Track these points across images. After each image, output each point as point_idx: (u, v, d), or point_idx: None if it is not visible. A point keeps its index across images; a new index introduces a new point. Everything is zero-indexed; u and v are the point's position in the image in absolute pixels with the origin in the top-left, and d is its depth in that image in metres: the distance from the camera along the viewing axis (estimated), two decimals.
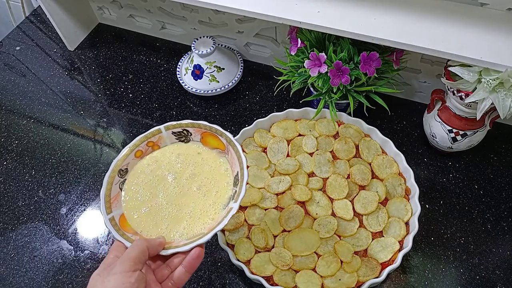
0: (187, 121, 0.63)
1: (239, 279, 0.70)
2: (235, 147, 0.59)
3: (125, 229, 0.56)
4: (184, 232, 0.56)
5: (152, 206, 0.59)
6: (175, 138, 0.64)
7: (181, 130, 0.64)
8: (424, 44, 0.63)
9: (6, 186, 0.85)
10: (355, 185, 0.73)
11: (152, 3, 0.98)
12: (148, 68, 1.01)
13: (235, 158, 0.60)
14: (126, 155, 0.61)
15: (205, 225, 0.57)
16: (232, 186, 0.60)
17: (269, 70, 0.97)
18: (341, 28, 0.66)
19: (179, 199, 0.59)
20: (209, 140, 0.64)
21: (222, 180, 0.60)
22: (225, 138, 0.61)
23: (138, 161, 0.63)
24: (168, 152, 0.64)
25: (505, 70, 0.58)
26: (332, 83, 0.69)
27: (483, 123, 0.72)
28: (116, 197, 0.59)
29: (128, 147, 0.61)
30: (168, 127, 0.63)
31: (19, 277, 0.73)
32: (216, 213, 0.58)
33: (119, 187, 0.60)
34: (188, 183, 0.61)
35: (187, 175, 0.61)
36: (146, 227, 0.57)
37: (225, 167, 0.62)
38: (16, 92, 1.00)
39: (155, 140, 0.63)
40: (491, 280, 0.67)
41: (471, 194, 0.76)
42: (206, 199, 0.59)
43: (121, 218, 0.57)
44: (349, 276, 0.65)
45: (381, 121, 0.85)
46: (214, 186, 0.60)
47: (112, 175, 0.59)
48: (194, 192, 0.60)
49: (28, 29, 1.14)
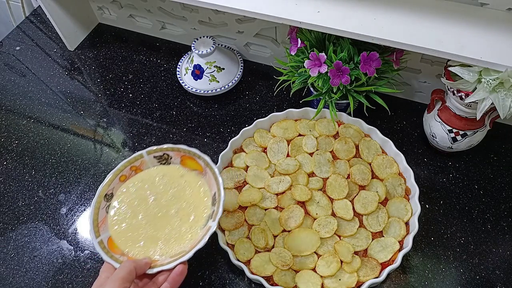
0: (167, 145, 0.68)
1: (239, 279, 0.70)
2: (212, 169, 0.64)
3: (113, 251, 0.60)
4: (164, 252, 0.61)
5: (132, 223, 0.63)
6: (156, 161, 0.69)
7: (162, 154, 0.68)
8: (424, 44, 0.63)
9: (6, 186, 0.85)
10: (355, 185, 0.73)
11: (152, 3, 0.98)
12: (148, 68, 1.01)
13: (212, 179, 0.64)
14: (111, 180, 0.66)
15: (184, 244, 0.61)
16: (210, 205, 0.64)
17: (269, 70, 0.97)
18: (341, 28, 0.66)
19: (157, 220, 0.63)
20: (188, 162, 0.68)
21: (200, 204, 0.64)
22: (202, 161, 0.66)
23: (123, 184, 0.67)
24: (153, 173, 0.68)
25: (505, 70, 0.58)
26: (332, 83, 0.69)
27: (483, 123, 0.72)
28: (103, 220, 0.63)
29: (112, 172, 0.66)
30: (149, 152, 0.68)
31: (19, 277, 0.73)
32: (195, 233, 0.62)
33: (105, 210, 0.64)
34: (168, 205, 0.65)
35: (169, 197, 0.65)
36: (130, 247, 0.61)
37: (204, 188, 0.66)
38: (16, 92, 1.00)
39: (138, 164, 0.68)
40: (491, 280, 0.67)
41: (471, 194, 0.76)
42: (182, 223, 0.63)
43: (109, 240, 0.61)
44: (349, 276, 0.65)
45: (381, 121, 0.85)
46: (192, 211, 0.64)
47: (98, 200, 0.64)
48: (172, 215, 0.64)
49: (28, 29, 1.14)
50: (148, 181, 0.67)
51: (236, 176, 0.76)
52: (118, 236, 0.62)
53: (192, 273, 0.71)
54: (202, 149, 0.85)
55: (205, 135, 0.88)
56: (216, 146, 0.86)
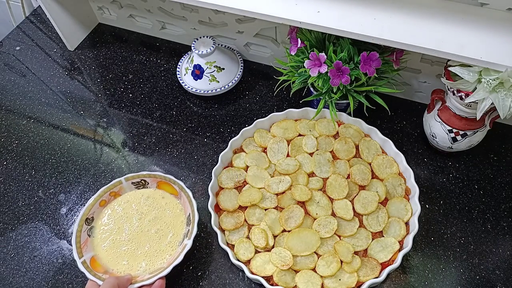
0: (145, 172, 0.74)
1: (239, 279, 0.70)
2: (186, 193, 0.71)
3: (96, 269, 0.66)
4: (146, 268, 0.67)
5: (116, 239, 0.70)
6: (134, 187, 0.75)
7: (139, 180, 0.75)
8: (424, 44, 0.63)
9: (6, 186, 0.85)
10: (355, 185, 0.73)
11: (152, 3, 0.98)
12: (148, 68, 1.01)
13: (186, 202, 0.71)
14: (92, 205, 0.72)
15: (164, 260, 0.68)
16: (185, 225, 0.71)
17: (269, 70, 0.97)
18: (341, 28, 0.66)
19: (139, 238, 0.71)
20: (164, 187, 0.75)
21: (178, 224, 0.71)
22: (177, 186, 0.73)
23: (103, 209, 0.73)
24: (139, 194, 0.75)
25: (505, 70, 0.58)
26: (332, 83, 0.69)
27: (483, 123, 0.72)
28: (85, 242, 0.69)
29: (93, 198, 0.72)
30: (128, 178, 0.74)
31: (19, 277, 0.73)
32: (173, 249, 0.69)
33: (87, 233, 0.70)
34: (150, 225, 0.72)
35: (151, 217, 0.72)
36: (112, 262, 0.68)
37: (180, 207, 0.73)
38: (16, 92, 1.00)
39: (117, 190, 0.74)
40: (491, 280, 0.67)
41: (471, 194, 0.76)
42: (161, 241, 0.70)
43: (92, 260, 0.68)
44: (349, 276, 0.65)
45: (381, 121, 0.85)
46: (170, 230, 0.71)
47: (80, 224, 0.70)
48: (152, 234, 0.71)
49: (28, 29, 1.14)
50: (134, 202, 0.74)
51: (236, 176, 0.76)
52: (104, 253, 0.69)
53: (192, 273, 0.71)
54: (202, 149, 0.86)
55: (205, 135, 0.88)
56: (216, 146, 0.86)
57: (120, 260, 0.68)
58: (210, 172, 0.76)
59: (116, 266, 0.68)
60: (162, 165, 0.84)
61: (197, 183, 0.81)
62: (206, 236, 0.75)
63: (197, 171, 0.83)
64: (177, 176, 0.81)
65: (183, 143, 0.87)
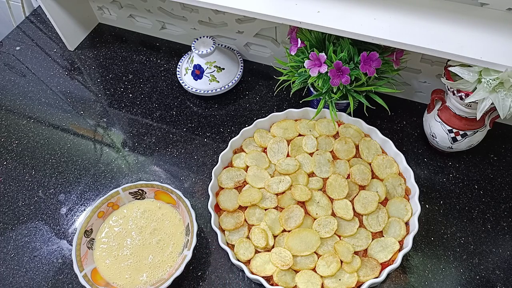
0: (142, 182, 0.74)
1: (239, 279, 0.70)
2: (184, 202, 0.70)
3: (97, 282, 0.66)
4: (147, 280, 0.67)
5: (118, 255, 0.70)
6: (131, 197, 0.75)
7: (136, 190, 0.74)
8: (424, 44, 0.63)
9: (6, 186, 0.85)
10: (355, 185, 0.73)
11: (152, 3, 0.98)
12: (148, 68, 1.01)
13: (185, 211, 0.70)
14: (90, 217, 0.71)
15: (165, 271, 0.68)
16: (184, 235, 0.71)
17: (269, 70, 0.97)
18: (341, 28, 0.66)
19: (141, 251, 0.70)
20: (161, 196, 0.74)
21: (178, 233, 0.71)
22: (175, 195, 0.72)
23: (102, 221, 0.73)
24: (135, 208, 0.75)
25: (505, 70, 0.58)
26: (332, 83, 0.69)
27: (483, 123, 0.72)
28: (85, 255, 0.69)
29: (90, 209, 0.71)
30: (125, 189, 0.73)
31: (19, 277, 0.73)
32: (173, 260, 0.69)
33: (86, 246, 0.70)
34: (150, 237, 0.71)
35: (150, 229, 0.72)
36: (114, 276, 0.68)
37: (178, 217, 0.73)
38: (16, 92, 1.00)
39: (115, 200, 0.74)
40: (491, 280, 0.67)
41: (471, 194, 0.76)
42: (164, 251, 0.70)
43: (93, 272, 0.68)
44: (349, 276, 0.65)
45: (381, 121, 0.85)
46: (171, 239, 0.71)
47: (79, 237, 0.69)
48: (154, 245, 0.71)
49: (28, 29, 1.14)
50: (131, 216, 0.74)
51: (236, 176, 0.76)
52: (106, 269, 0.69)
53: (192, 273, 0.71)
54: (202, 149, 0.86)
55: (205, 135, 0.88)
56: (216, 146, 0.86)
57: (122, 275, 0.68)
58: (210, 172, 0.76)
59: (118, 280, 0.68)
60: (162, 165, 0.84)
61: (197, 183, 0.81)
62: (206, 236, 0.75)
63: (197, 171, 0.83)
64: (177, 176, 0.82)
65: (183, 143, 0.87)
